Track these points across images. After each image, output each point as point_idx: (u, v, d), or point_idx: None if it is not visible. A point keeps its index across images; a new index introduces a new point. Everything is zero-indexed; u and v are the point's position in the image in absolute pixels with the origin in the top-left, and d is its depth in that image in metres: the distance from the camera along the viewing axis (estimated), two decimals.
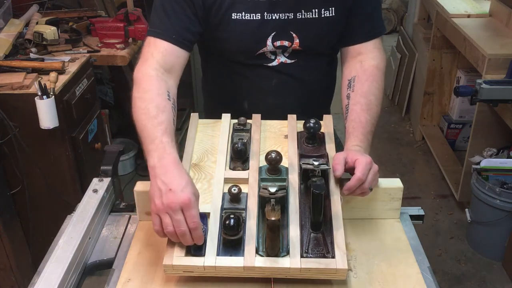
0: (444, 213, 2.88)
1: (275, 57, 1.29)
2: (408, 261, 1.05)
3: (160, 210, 0.93)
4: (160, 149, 1.00)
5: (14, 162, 1.96)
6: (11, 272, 2.09)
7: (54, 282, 0.93)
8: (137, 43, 2.45)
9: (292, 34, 1.24)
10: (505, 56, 2.35)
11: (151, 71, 1.14)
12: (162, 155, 0.99)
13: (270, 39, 1.24)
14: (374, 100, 1.22)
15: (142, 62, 1.16)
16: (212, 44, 1.30)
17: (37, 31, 2.16)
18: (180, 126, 3.54)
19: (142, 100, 1.09)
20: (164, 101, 1.10)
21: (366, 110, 1.20)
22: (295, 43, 1.25)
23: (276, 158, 1.04)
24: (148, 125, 1.05)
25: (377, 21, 1.31)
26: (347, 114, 1.22)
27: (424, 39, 3.54)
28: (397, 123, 3.86)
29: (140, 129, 1.07)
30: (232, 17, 1.21)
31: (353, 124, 1.18)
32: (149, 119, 1.05)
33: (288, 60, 1.29)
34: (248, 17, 1.21)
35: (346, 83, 1.28)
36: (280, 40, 1.24)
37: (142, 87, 1.12)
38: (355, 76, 1.26)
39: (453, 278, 2.44)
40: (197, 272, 0.95)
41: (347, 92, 1.25)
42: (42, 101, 1.82)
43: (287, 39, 1.25)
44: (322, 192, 0.96)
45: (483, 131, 2.61)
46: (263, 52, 1.27)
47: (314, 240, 0.99)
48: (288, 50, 1.28)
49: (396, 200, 1.15)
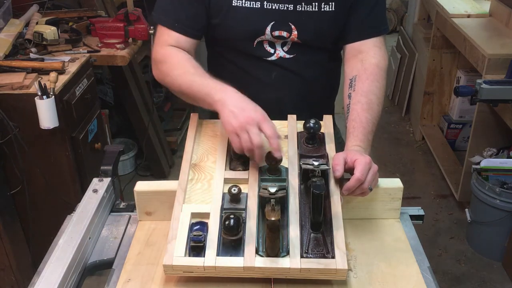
0: (444, 213, 2.88)
1: (274, 51, 1.29)
2: (408, 261, 1.05)
3: (238, 128, 1.04)
4: (218, 85, 1.13)
5: (14, 162, 1.96)
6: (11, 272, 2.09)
7: (54, 282, 0.93)
8: (137, 43, 2.45)
9: (291, 26, 1.25)
10: (505, 56, 2.35)
11: (171, 49, 1.25)
12: (224, 89, 1.12)
13: (269, 28, 1.25)
14: (375, 99, 1.22)
15: (160, 47, 1.26)
16: (212, 32, 1.32)
17: (37, 31, 2.16)
18: (180, 126, 3.54)
19: (176, 68, 1.21)
20: (195, 63, 1.22)
21: (367, 109, 1.20)
22: (293, 34, 1.26)
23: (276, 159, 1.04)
24: (195, 78, 1.17)
25: (378, 19, 1.31)
26: (348, 113, 1.22)
27: (424, 39, 3.54)
28: (397, 123, 3.86)
29: (188, 86, 1.18)
30: (232, 3, 1.23)
31: (353, 123, 1.18)
32: (193, 75, 1.18)
33: (287, 55, 1.30)
34: (248, 4, 1.23)
35: (348, 82, 1.28)
36: (278, 30, 1.25)
37: (169, 62, 1.23)
38: (356, 75, 1.26)
39: (453, 278, 2.44)
40: (197, 272, 0.95)
41: (349, 91, 1.25)
42: (42, 101, 1.82)
43: (286, 29, 1.25)
44: (322, 192, 0.96)
45: (483, 131, 2.61)
46: (261, 40, 1.27)
47: (314, 241, 0.99)
48: (287, 43, 1.28)
49: (396, 200, 1.15)
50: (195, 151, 1.18)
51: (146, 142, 2.94)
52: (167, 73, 1.23)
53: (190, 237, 0.98)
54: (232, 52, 1.33)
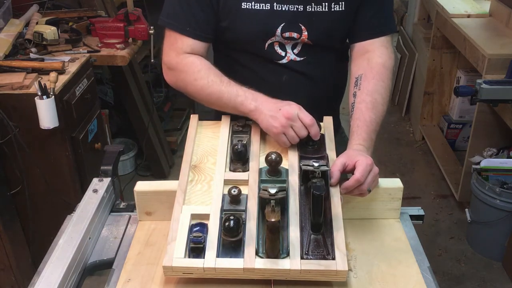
0: (444, 213, 2.89)
1: (285, 54, 1.29)
2: (408, 261, 1.05)
3: (282, 128, 1.11)
4: (248, 94, 1.18)
5: (14, 162, 1.96)
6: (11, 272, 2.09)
7: (54, 282, 0.93)
8: (137, 43, 2.45)
9: (301, 26, 1.25)
10: (505, 56, 2.35)
11: (188, 57, 1.25)
12: (255, 97, 1.17)
13: (279, 30, 1.24)
14: (379, 98, 1.23)
15: (175, 54, 1.26)
16: (221, 35, 1.30)
17: (37, 31, 2.16)
18: (180, 126, 3.54)
19: (200, 79, 1.22)
20: (216, 71, 1.24)
21: (371, 108, 1.20)
22: (304, 35, 1.25)
23: (276, 160, 1.04)
24: (222, 89, 1.20)
25: (385, 19, 1.32)
26: (352, 112, 1.23)
27: (424, 39, 3.54)
28: (397, 123, 3.86)
29: (217, 97, 1.20)
30: (242, 6, 1.22)
31: (357, 122, 1.19)
32: (219, 85, 1.20)
33: (297, 58, 1.30)
34: (258, 6, 1.22)
35: (354, 81, 1.29)
36: (289, 32, 1.25)
37: (190, 72, 1.24)
38: (362, 74, 1.27)
39: (453, 278, 2.44)
40: (196, 273, 0.95)
41: (354, 90, 1.27)
42: (42, 101, 1.82)
43: (296, 31, 1.25)
44: (322, 194, 0.96)
45: (483, 131, 2.61)
46: (272, 42, 1.27)
47: (314, 242, 0.99)
48: (298, 45, 1.28)
49: (396, 200, 1.15)
50: (195, 152, 1.18)
51: (146, 142, 2.94)
52: (189, 82, 1.24)
53: (190, 238, 0.98)
54: (242, 55, 1.32)
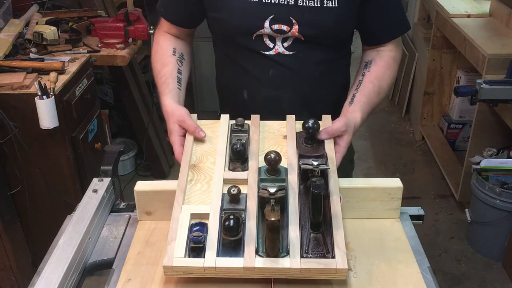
0: (444, 213, 2.89)
1: (274, 46, 1.28)
2: (408, 261, 1.05)
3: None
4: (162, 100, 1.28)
5: (14, 162, 1.96)
6: (11, 272, 2.10)
7: (54, 282, 0.93)
8: (137, 43, 2.45)
9: (292, 20, 1.24)
10: (505, 56, 2.35)
11: (160, 36, 1.41)
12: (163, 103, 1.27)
13: (268, 22, 1.23)
14: (385, 86, 1.31)
15: (158, 31, 1.43)
16: (211, 26, 1.35)
17: (37, 31, 2.16)
18: None
19: (154, 61, 1.38)
20: (168, 57, 1.34)
21: (377, 92, 1.28)
22: (294, 28, 1.24)
23: (275, 159, 1.04)
24: (157, 79, 1.34)
25: (399, 20, 1.37)
26: (358, 85, 1.28)
27: (424, 39, 3.54)
28: (397, 123, 3.86)
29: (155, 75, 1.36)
30: None
31: (363, 99, 1.25)
32: (156, 75, 1.35)
33: (286, 51, 1.28)
34: None
35: (363, 64, 1.34)
36: (278, 24, 1.24)
37: (154, 51, 1.39)
38: (372, 59, 1.33)
39: (453, 278, 2.44)
40: (197, 273, 0.95)
41: (363, 71, 1.32)
42: (42, 101, 1.82)
43: (286, 23, 1.24)
44: (322, 192, 0.96)
45: (483, 131, 2.61)
46: (260, 34, 1.26)
47: (314, 240, 0.99)
48: (288, 39, 1.27)
49: (396, 200, 1.15)
50: (194, 152, 1.18)
51: (146, 142, 2.95)
52: (151, 61, 1.39)
53: (190, 238, 0.98)
54: (231, 47, 1.33)
